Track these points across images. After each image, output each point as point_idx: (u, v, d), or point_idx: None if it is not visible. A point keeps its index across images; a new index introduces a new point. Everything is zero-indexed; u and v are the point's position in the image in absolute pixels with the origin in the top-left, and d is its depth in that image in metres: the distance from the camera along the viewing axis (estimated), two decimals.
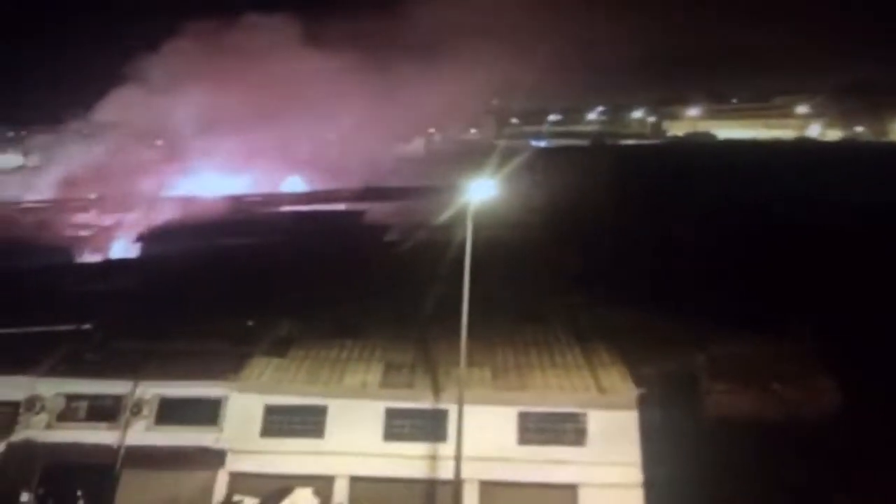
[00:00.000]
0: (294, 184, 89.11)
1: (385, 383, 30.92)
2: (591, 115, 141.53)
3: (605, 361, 32.10)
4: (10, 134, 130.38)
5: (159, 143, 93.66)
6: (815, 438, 30.47)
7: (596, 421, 28.80)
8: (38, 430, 29.93)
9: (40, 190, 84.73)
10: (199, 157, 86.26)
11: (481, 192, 26.74)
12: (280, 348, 33.89)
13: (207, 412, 29.92)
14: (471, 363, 28.12)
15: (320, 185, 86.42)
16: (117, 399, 30.36)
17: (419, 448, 28.62)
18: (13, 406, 30.42)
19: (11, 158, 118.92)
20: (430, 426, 29.06)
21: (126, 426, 29.60)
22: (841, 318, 37.11)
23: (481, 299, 27.37)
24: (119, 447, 29.12)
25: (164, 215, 70.07)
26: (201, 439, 29.16)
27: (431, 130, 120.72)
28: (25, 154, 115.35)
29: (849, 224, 51.68)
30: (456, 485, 25.80)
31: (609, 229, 55.05)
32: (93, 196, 79.68)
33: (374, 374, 31.49)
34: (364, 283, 43.75)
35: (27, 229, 65.31)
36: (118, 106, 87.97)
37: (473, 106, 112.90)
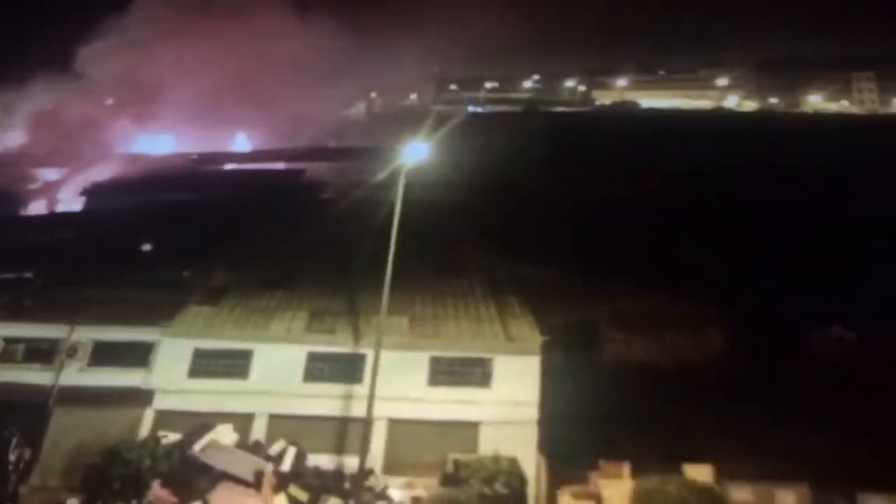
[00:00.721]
0: (238, 143, 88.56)
1: (309, 329, 31.57)
2: (527, 84, 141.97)
3: (516, 312, 33.05)
4: None
5: (109, 101, 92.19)
6: (699, 382, 32.04)
7: (501, 365, 29.86)
8: None
9: None
10: (149, 113, 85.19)
11: (415, 155, 27.28)
12: (213, 297, 34.16)
13: (139, 355, 30.32)
14: (391, 312, 28.49)
15: (264, 144, 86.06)
16: (53, 342, 30.64)
17: (336, 389, 29.48)
18: None
19: None
20: (348, 369, 29.88)
21: (61, 367, 29.97)
22: (729, 275, 38.84)
23: (407, 254, 27.93)
24: (53, 387, 29.54)
25: (110, 171, 69.40)
26: (132, 380, 29.66)
27: (373, 94, 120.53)
28: None
29: (751, 189, 53.42)
30: (366, 422, 26.70)
31: (533, 191, 56.05)
32: (40, 151, 78.51)
33: (299, 322, 32.10)
34: (298, 238, 44.14)
35: None
36: (82, 61, 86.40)
37: (416, 72, 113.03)
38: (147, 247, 46.93)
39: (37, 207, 64.29)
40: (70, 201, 64.92)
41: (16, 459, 27.29)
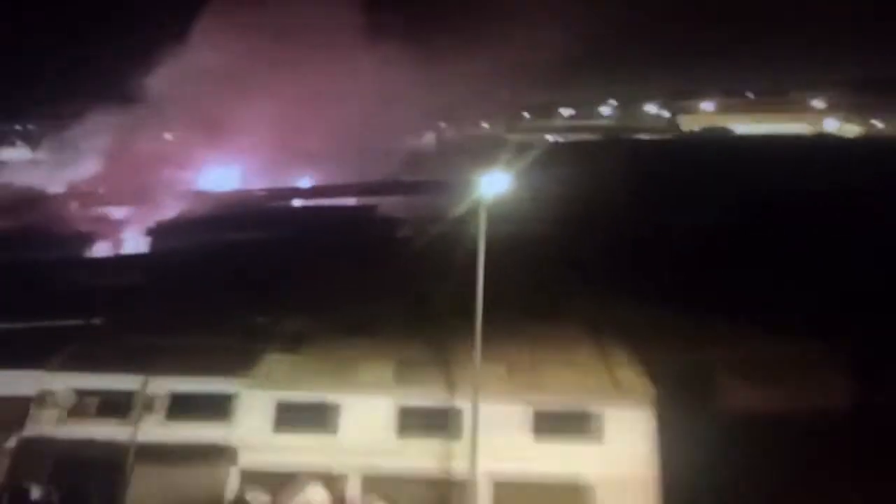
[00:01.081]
0: (305, 178, 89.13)
1: (398, 380, 30.85)
2: (604, 109, 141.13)
3: (621, 359, 31.88)
4: (18, 127, 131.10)
5: (168, 136, 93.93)
6: (830, 437, 30.38)
7: (612, 419, 28.64)
8: (49, 426, 30.03)
9: (51, 183, 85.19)
10: (214, 145, 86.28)
11: (494, 187, 26.26)
12: (292, 345, 33.73)
13: (219, 408, 29.87)
14: (485, 360, 27.53)
15: (331, 177, 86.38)
16: (128, 394, 30.37)
17: (433, 445, 28.59)
18: (25, 401, 30.51)
19: (20, 152, 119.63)
20: (443, 423, 28.95)
21: (137, 421, 29.68)
22: (858, 316, 37.06)
23: (495, 295, 26.97)
24: (130, 443, 29.23)
25: (175, 209, 70.30)
26: (213, 435, 29.17)
27: (442, 124, 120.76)
28: (34, 148, 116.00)
29: (865, 222, 51.42)
30: (470, 483, 25.74)
31: (624, 225, 54.87)
32: (104, 189, 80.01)
33: (386, 371, 31.37)
34: (376, 279, 43.63)
35: (39, 221, 65.69)
36: (143, 92, 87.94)
37: (487, 98, 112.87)
38: None
39: (101, 248, 65.18)
40: (135, 241, 65.77)
41: None
